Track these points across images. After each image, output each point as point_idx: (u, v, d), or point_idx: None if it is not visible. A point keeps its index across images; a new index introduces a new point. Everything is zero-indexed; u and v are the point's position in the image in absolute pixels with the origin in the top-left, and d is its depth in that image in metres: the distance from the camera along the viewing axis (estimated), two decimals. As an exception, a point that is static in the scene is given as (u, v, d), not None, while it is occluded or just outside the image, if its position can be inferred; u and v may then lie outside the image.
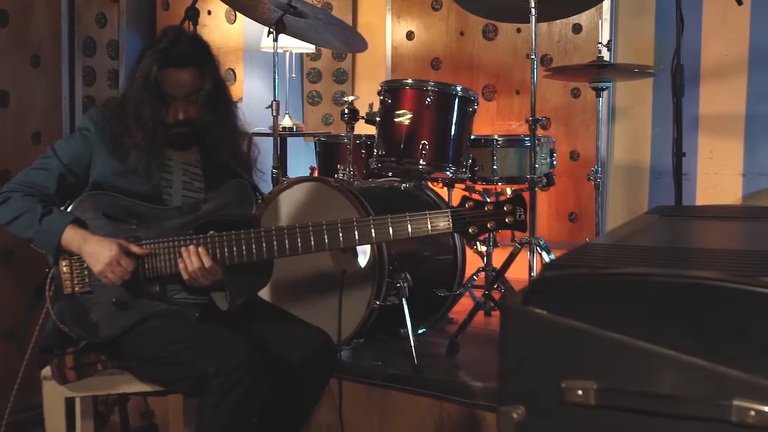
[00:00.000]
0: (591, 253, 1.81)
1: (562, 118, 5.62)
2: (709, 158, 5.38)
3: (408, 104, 4.02)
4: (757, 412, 1.31)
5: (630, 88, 5.45)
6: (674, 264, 1.62)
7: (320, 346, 2.98)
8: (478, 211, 2.93)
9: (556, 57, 5.62)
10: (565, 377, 1.43)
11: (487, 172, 4.34)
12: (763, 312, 1.35)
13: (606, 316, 1.43)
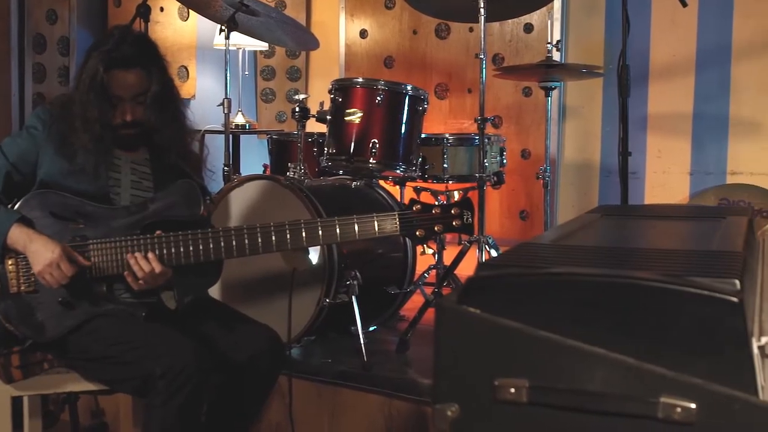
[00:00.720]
0: (527, 252, 1.83)
1: (513, 117, 5.67)
2: (657, 157, 5.45)
3: (358, 103, 4.03)
4: (682, 409, 1.35)
5: (580, 88, 5.51)
6: (606, 264, 1.65)
7: (268, 345, 2.99)
8: (425, 214, 2.94)
9: (507, 56, 5.67)
10: (498, 375, 1.46)
11: (438, 170, 4.36)
12: (690, 311, 1.39)
13: (538, 315, 1.45)
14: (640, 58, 5.41)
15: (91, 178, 2.91)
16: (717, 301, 1.37)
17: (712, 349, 1.37)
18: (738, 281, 1.41)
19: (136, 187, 3.01)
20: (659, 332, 1.40)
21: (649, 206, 3.93)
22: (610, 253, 1.81)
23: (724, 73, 5.15)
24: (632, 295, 1.42)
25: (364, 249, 4.06)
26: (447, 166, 4.34)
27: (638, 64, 5.38)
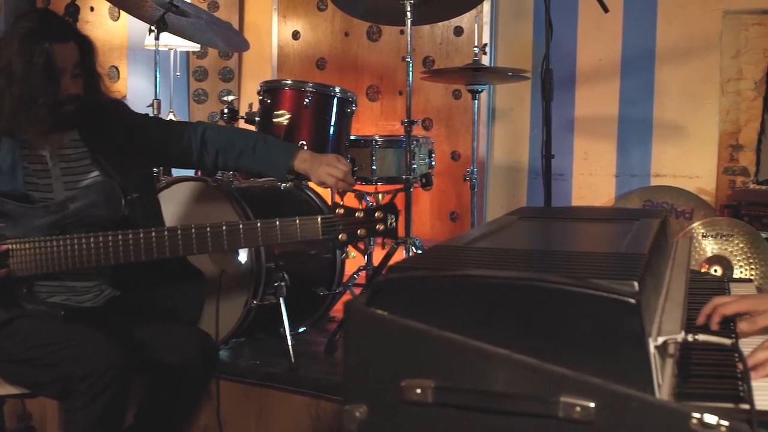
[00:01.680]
0: (438, 254, 1.86)
1: (444, 119, 5.71)
2: (583, 159, 5.54)
3: (287, 105, 4.04)
4: (582, 408, 1.38)
5: (509, 91, 5.57)
6: (513, 266, 1.68)
7: (200, 348, 2.98)
8: (348, 218, 2.94)
9: (438, 59, 5.71)
10: (404, 376, 1.49)
11: (366, 172, 4.38)
12: (589, 312, 1.42)
13: (444, 316, 1.48)
14: (567, 62, 5.50)
15: (8, 178, 2.88)
16: (615, 302, 1.41)
17: (611, 350, 1.41)
18: (637, 283, 1.45)
19: (69, 173, 2.97)
20: (560, 333, 1.44)
21: (566, 209, 3.99)
22: (518, 255, 1.85)
23: (648, 77, 5.25)
24: (534, 296, 1.46)
25: (293, 250, 4.06)
26: (375, 168, 4.36)
27: (565, 68, 5.48)
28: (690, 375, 1.66)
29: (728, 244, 4.60)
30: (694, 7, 5.21)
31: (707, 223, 4.69)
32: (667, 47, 5.24)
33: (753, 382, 1.63)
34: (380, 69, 5.85)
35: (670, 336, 1.48)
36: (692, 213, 5.12)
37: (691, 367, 1.69)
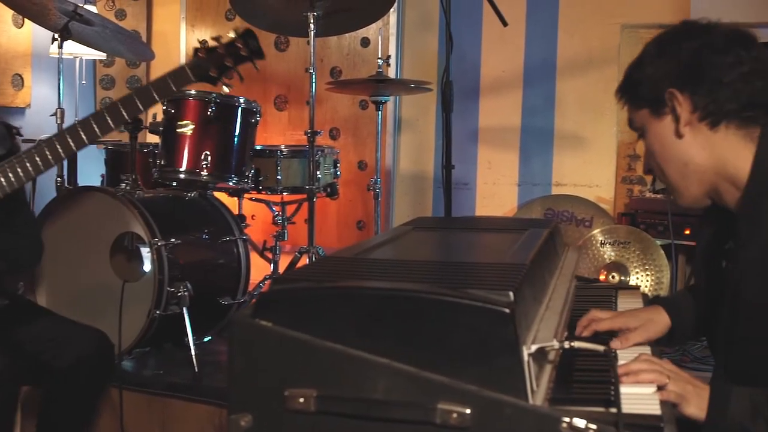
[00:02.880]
0: (324, 266, 1.90)
1: (351, 129, 5.76)
2: (487, 168, 5.63)
3: (191, 115, 4.05)
4: (458, 414, 1.44)
5: (415, 101, 5.64)
6: (396, 277, 1.73)
7: (96, 345, 2.97)
8: (211, 55, 3.05)
9: (345, 69, 5.76)
10: (288, 386, 1.52)
11: (272, 182, 4.41)
12: (467, 322, 1.48)
13: (327, 327, 1.53)
14: (471, 73, 5.59)
15: None
16: (490, 311, 1.47)
17: (487, 357, 1.47)
18: (512, 293, 1.50)
19: None
20: (439, 342, 1.49)
21: (461, 219, 4.06)
22: (403, 266, 1.89)
23: (549, 88, 5.37)
24: (413, 307, 1.51)
25: (197, 260, 4.07)
26: (281, 178, 4.39)
27: (470, 79, 5.57)
28: (568, 381, 1.72)
29: (625, 251, 4.73)
30: (593, 21, 5.35)
31: (606, 231, 4.82)
32: (567, 60, 5.37)
33: (624, 388, 1.70)
34: (288, 79, 5.87)
35: (543, 344, 1.54)
36: (591, 221, 5.24)
37: (571, 373, 1.76)
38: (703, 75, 1.83)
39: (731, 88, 1.82)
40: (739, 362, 1.91)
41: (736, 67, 1.81)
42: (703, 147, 1.89)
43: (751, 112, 1.84)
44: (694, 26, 1.91)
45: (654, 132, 1.94)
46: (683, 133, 1.89)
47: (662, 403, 1.67)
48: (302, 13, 4.16)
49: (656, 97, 1.90)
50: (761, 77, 1.82)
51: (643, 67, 1.93)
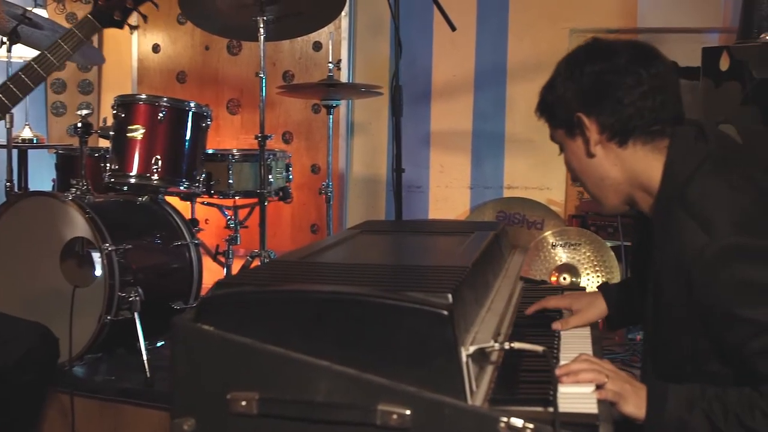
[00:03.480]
0: (267, 270, 1.92)
1: (304, 133, 5.77)
2: (439, 172, 5.67)
3: (141, 119, 4.04)
4: (398, 415, 1.46)
5: (367, 105, 5.66)
6: (338, 280, 1.75)
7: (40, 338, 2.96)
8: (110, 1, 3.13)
9: (297, 73, 5.76)
10: (231, 389, 1.54)
11: (224, 186, 4.42)
12: (406, 324, 1.50)
13: (268, 330, 1.54)
14: (423, 77, 5.63)
15: None
16: (428, 314, 1.49)
17: (426, 359, 1.49)
18: (451, 295, 1.53)
19: None
20: (380, 344, 1.51)
21: (409, 222, 4.10)
22: (346, 269, 1.92)
23: (500, 92, 5.41)
24: (353, 310, 1.53)
25: (149, 265, 4.05)
26: (232, 182, 4.40)
27: (422, 83, 5.61)
28: (510, 381, 1.75)
29: (576, 253, 4.78)
30: (542, 26, 5.41)
31: (557, 233, 4.86)
32: (517, 64, 5.42)
33: (563, 388, 1.74)
34: (241, 82, 5.87)
35: (482, 345, 1.56)
36: (543, 223, 5.29)
37: (514, 373, 1.79)
38: (605, 98, 1.94)
39: (634, 108, 1.92)
40: (663, 359, 1.98)
41: (636, 87, 1.91)
42: (614, 163, 2.01)
43: (656, 127, 1.95)
44: (599, 47, 1.99)
45: (570, 150, 2.07)
46: (595, 153, 2.00)
47: (600, 402, 1.70)
48: (252, 17, 4.16)
49: (568, 119, 2.01)
50: (661, 93, 1.93)
51: (554, 90, 2.03)
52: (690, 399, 1.79)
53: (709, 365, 1.89)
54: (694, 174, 1.91)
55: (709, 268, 1.79)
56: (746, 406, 1.75)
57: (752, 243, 1.80)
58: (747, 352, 1.78)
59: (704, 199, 1.87)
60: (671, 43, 5.27)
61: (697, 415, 1.77)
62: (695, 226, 1.83)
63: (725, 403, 1.76)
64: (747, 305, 1.77)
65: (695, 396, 1.79)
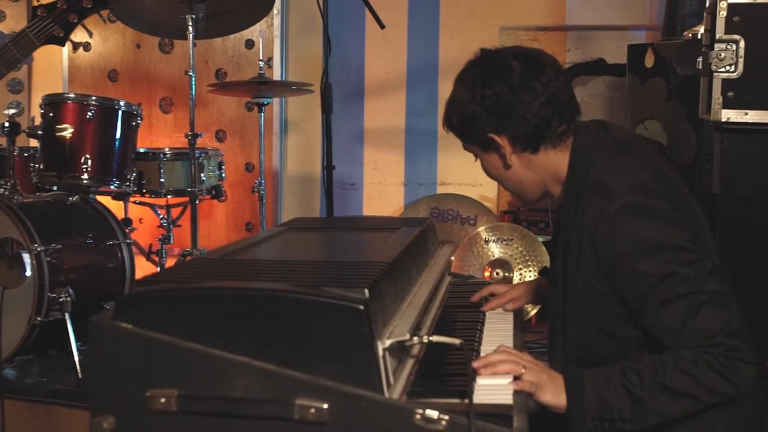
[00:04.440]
0: (188, 268, 1.93)
1: (237, 131, 5.75)
2: (374, 169, 5.70)
3: (70, 118, 4.01)
4: (316, 409, 1.48)
5: (300, 103, 5.66)
6: (258, 277, 1.77)
7: None
8: (53, 12, 2.95)
9: (230, 71, 5.75)
10: (150, 387, 1.55)
11: (155, 185, 4.40)
12: (323, 319, 1.52)
13: (188, 327, 1.55)
14: (356, 74, 5.65)
15: None
16: (344, 308, 1.51)
17: (343, 353, 1.51)
18: (368, 290, 1.55)
19: None
20: (298, 339, 1.53)
21: (337, 219, 4.12)
22: (266, 266, 1.93)
23: (432, 89, 5.45)
24: (271, 306, 1.55)
25: (80, 265, 4.02)
26: (164, 181, 4.38)
27: (355, 81, 5.63)
28: (431, 374, 1.79)
29: (509, 248, 4.84)
30: (473, 23, 5.46)
31: (490, 229, 4.92)
32: (449, 61, 5.47)
33: (482, 380, 1.78)
34: (173, 81, 5.83)
35: (398, 338, 1.59)
36: (476, 219, 5.35)
37: (435, 366, 1.82)
38: (510, 116, 2.05)
39: (537, 119, 2.05)
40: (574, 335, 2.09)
41: (534, 100, 2.04)
42: (530, 167, 2.14)
43: (562, 128, 2.09)
44: (492, 66, 2.10)
45: (486, 161, 2.21)
46: (511, 164, 2.13)
47: (517, 392, 1.74)
48: (180, 15, 4.14)
49: (480, 139, 2.13)
50: (557, 97, 2.06)
51: (459, 111, 2.15)
52: (606, 377, 1.86)
53: (621, 330, 2.00)
54: (597, 159, 2.06)
55: (609, 226, 1.93)
56: (659, 367, 1.84)
57: (647, 202, 1.94)
58: (648, 305, 1.90)
59: (604, 175, 2.02)
60: (599, 40, 5.37)
61: (616, 390, 1.84)
62: (596, 197, 1.98)
63: (639, 371, 1.85)
64: (644, 260, 1.90)
65: (610, 373, 1.87)
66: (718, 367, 1.81)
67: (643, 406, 1.82)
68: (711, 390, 1.82)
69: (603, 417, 1.83)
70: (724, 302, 1.87)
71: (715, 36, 3.06)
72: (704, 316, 1.84)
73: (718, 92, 3.07)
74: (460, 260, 4.90)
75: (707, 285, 1.87)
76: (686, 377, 1.81)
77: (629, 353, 1.98)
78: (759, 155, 3.14)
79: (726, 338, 1.82)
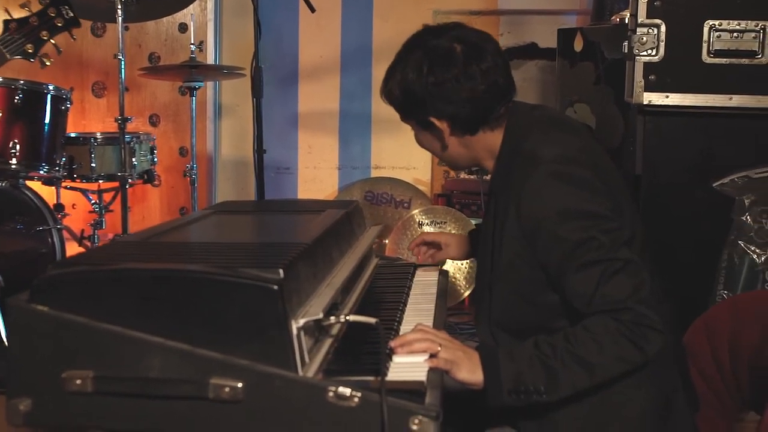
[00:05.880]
0: (106, 250, 1.94)
1: (171, 115, 5.72)
2: (308, 153, 5.71)
3: (-3, 102, 3.96)
4: (231, 388, 1.50)
5: (234, 87, 5.65)
6: (175, 258, 1.78)
7: None
8: (24, 28, 2.93)
9: (163, 55, 5.70)
10: (66, 368, 1.56)
11: (86, 169, 4.37)
12: (238, 299, 1.54)
13: (103, 309, 1.56)
14: (290, 58, 5.65)
15: None
16: (258, 288, 1.53)
17: (257, 332, 1.54)
18: (282, 270, 1.57)
19: None
20: (213, 320, 1.55)
21: (264, 202, 4.12)
22: (186, 248, 1.95)
23: (366, 73, 5.47)
24: (186, 286, 1.56)
25: (9, 251, 3.99)
26: (95, 166, 4.36)
27: (289, 64, 5.63)
28: (350, 353, 1.81)
29: (442, 231, 4.89)
30: (406, 7, 5.49)
31: (424, 212, 4.97)
32: (382, 44, 5.49)
33: (398, 358, 1.81)
34: (106, 65, 5.77)
35: (312, 317, 1.61)
36: (410, 202, 5.39)
37: (355, 345, 1.85)
38: (451, 102, 2.09)
39: (477, 104, 2.10)
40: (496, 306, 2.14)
41: (475, 88, 2.08)
42: (466, 146, 2.19)
43: (500, 111, 2.15)
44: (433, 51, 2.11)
45: (424, 137, 2.25)
46: (448, 144, 2.18)
47: (432, 370, 1.78)
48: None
49: (419, 119, 2.17)
50: (497, 83, 2.11)
51: (403, 89, 2.16)
52: (521, 351, 1.91)
53: (542, 297, 2.06)
54: (530, 133, 2.12)
55: (533, 191, 1.99)
56: (571, 337, 1.89)
57: (571, 170, 2.01)
58: (565, 270, 1.96)
59: (535, 145, 2.07)
60: (531, 24, 5.43)
61: (530, 362, 1.88)
62: (525, 164, 2.04)
63: (552, 342, 1.89)
64: (564, 225, 1.96)
65: (525, 347, 1.91)
66: (627, 334, 1.86)
67: (557, 377, 1.86)
68: (619, 357, 1.87)
69: (519, 390, 1.87)
70: (636, 271, 1.93)
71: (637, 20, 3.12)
72: (616, 282, 1.90)
73: (640, 75, 3.13)
74: (394, 243, 4.94)
75: (621, 253, 1.93)
76: (595, 345, 1.86)
77: (550, 320, 2.04)
78: (680, 137, 3.21)
79: (635, 304, 1.87)
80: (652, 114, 3.20)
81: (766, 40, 3.04)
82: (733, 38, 3.06)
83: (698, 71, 3.11)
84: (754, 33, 3.05)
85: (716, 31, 3.07)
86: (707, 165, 3.18)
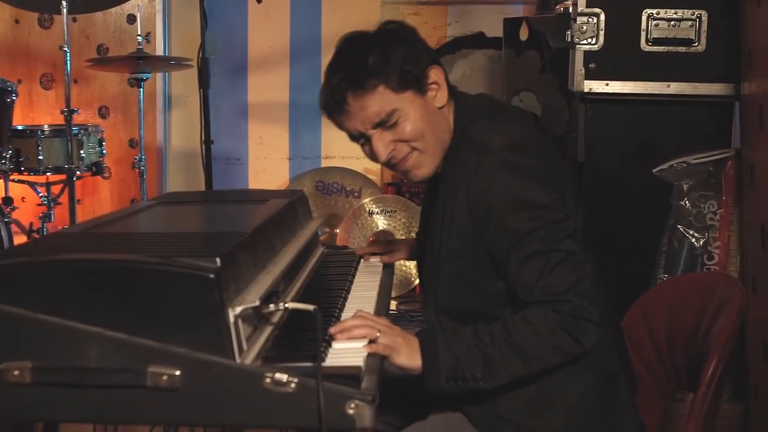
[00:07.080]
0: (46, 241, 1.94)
1: (120, 107, 5.68)
2: (258, 143, 5.71)
3: (-60, 96, 3.94)
4: (168, 376, 1.52)
5: (183, 78, 5.62)
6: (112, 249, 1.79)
7: None
8: None
9: (112, 47, 5.66)
10: (3, 360, 1.56)
11: (34, 162, 4.36)
12: (175, 288, 1.56)
13: (40, 300, 1.57)
14: (239, 49, 5.64)
15: None
16: (195, 277, 1.55)
17: (195, 321, 1.55)
18: (219, 259, 1.59)
19: None
20: (151, 309, 1.56)
21: (210, 192, 4.14)
22: (126, 238, 1.96)
23: (315, 64, 5.45)
24: (123, 276, 1.58)
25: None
26: (42, 158, 4.34)
27: (238, 55, 5.63)
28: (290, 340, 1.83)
29: (392, 220, 4.93)
30: (355, -2, 5.52)
31: (374, 201, 5.00)
32: (331, 35, 5.47)
33: (337, 344, 1.84)
34: (53, 57, 5.70)
35: (248, 305, 1.64)
36: (360, 191, 5.41)
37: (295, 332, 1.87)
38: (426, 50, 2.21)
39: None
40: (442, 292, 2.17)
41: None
42: (446, 117, 2.19)
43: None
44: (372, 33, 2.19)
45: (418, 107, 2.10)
46: (442, 102, 2.17)
47: (370, 355, 1.80)
48: (54, -12, 4.10)
49: (419, 75, 2.11)
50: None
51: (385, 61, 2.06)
52: (460, 339, 1.95)
53: (488, 284, 2.10)
54: (476, 120, 2.14)
55: (483, 180, 2.01)
56: (509, 326, 1.93)
57: (520, 160, 2.02)
58: (510, 259, 1.99)
59: (482, 132, 2.10)
60: (479, 14, 5.47)
61: (469, 350, 1.92)
62: (473, 151, 2.06)
63: (491, 331, 1.93)
64: (512, 215, 1.98)
65: (464, 335, 1.95)
66: (564, 325, 1.90)
67: (494, 365, 1.90)
68: (556, 348, 1.92)
69: (456, 377, 1.91)
70: (578, 263, 1.97)
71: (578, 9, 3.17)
72: (557, 273, 1.94)
73: (581, 64, 3.18)
74: (345, 232, 4.97)
75: (565, 245, 1.97)
76: (533, 336, 1.90)
77: (496, 308, 2.07)
78: (620, 124, 3.27)
79: (574, 296, 1.92)
80: (593, 102, 3.26)
81: (702, 28, 3.10)
82: (671, 27, 3.12)
83: (637, 59, 3.17)
84: (690, 21, 3.11)
85: (654, 19, 3.13)
86: (647, 151, 3.24)
